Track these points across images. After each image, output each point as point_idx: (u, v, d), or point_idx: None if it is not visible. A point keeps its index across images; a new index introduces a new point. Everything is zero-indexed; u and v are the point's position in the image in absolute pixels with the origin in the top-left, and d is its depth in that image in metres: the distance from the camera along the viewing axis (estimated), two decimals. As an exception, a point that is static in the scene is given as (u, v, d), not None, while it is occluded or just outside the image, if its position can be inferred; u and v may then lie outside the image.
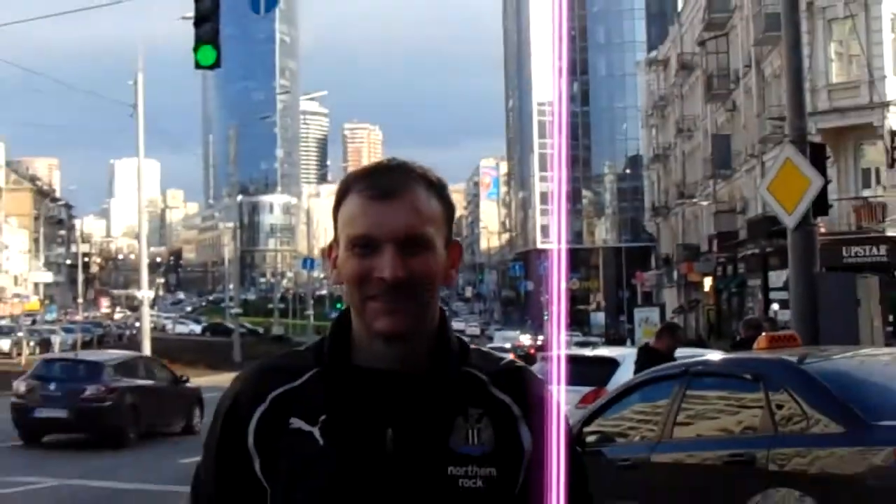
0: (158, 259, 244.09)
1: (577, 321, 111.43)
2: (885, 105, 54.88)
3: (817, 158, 19.94)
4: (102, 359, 35.71)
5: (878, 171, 56.12)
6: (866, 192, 56.90)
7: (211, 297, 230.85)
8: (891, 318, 43.96)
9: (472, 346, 2.98)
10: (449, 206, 2.87)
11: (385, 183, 2.76)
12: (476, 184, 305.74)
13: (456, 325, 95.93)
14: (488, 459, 2.75)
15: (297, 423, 2.75)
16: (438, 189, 2.83)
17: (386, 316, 2.70)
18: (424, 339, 2.80)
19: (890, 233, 53.66)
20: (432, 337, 2.84)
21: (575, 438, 9.63)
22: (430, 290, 2.78)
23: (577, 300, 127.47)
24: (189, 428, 34.27)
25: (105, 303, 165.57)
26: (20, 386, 32.06)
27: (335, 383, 2.77)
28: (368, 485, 2.69)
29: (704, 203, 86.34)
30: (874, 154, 55.70)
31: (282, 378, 2.83)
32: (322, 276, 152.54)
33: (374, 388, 2.75)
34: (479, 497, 2.72)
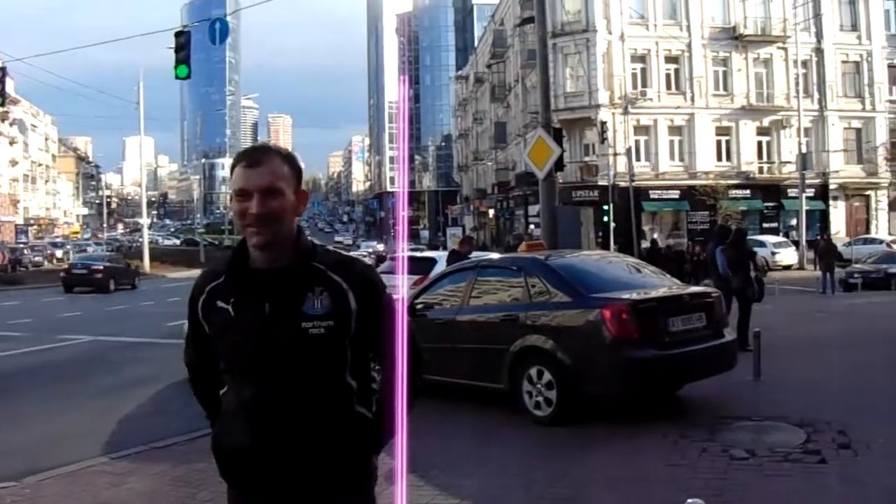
0: (153, 199, 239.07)
1: (412, 236, 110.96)
2: (598, 107, 55.51)
3: (557, 137, 20.04)
4: (101, 257, 52.06)
5: (593, 145, 56.57)
6: (586, 158, 57.37)
7: (185, 222, 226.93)
8: (600, 233, 44.60)
9: (321, 248, 3.17)
10: (296, 169, 3.05)
11: (253, 157, 2.97)
12: (349, 151, 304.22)
13: (337, 237, 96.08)
14: (327, 316, 2.94)
15: (220, 303, 3.05)
16: (288, 159, 3.03)
17: (255, 235, 2.94)
18: (286, 246, 3.00)
19: (601, 183, 54.20)
20: (292, 244, 3.02)
21: (408, 307, 9.61)
22: (281, 219, 2.95)
23: (411, 223, 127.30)
24: (133, 286, 47.51)
25: (120, 227, 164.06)
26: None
27: (236, 279, 3.03)
28: (257, 335, 2.95)
29: (490, 164, 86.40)
30: (591, 135, 56.16)
31: (212, 278, 3.13)
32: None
33: (258, 279, 2.98)
34: (322, 339, 2.94)
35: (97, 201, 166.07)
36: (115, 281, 45.13)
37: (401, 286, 3.83)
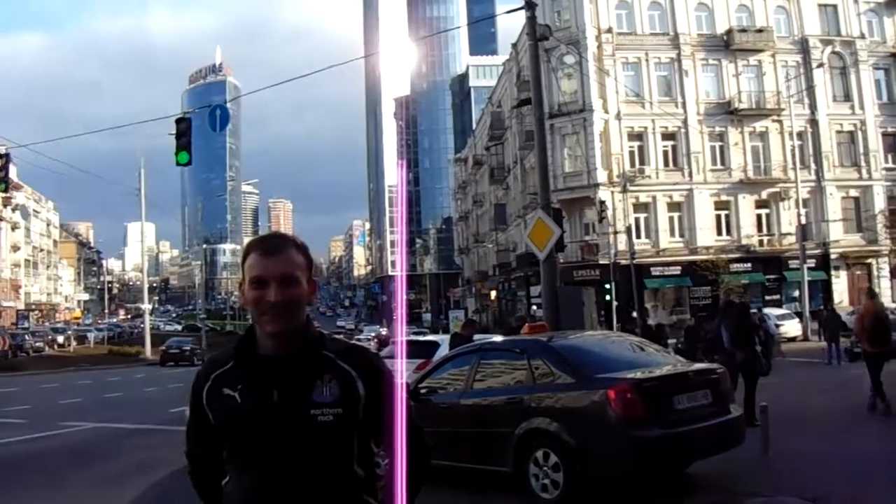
0: (154, 284, 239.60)
1: (414, 319, 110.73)
2: (596, 185, 55.78)
3: (557, 218, 20.18)
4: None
5: (593, 225, 56.71)
6: (587, 238, 57.53)
7: (187, 308, 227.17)
8: (602, 312, 44.60)
9: (328, 336, 3.18)
10: (309, 259, 3.11)
11: (270, 246, 3.04)
12: (350, 235, 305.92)
13: (339, 322, 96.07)
14: (336, 404, 2.96)
15: (226, 390, 3.04)
16: (302, 249, 3.09)
17: (271, 324, 2.96)
18: (295, 334, 3.02)
19: (602, 261, 54.32)
20: (301, 332, 3.04)
21: (411, 391, 9.66)
22: (297, 307, 3.00)
23: (413, 306, 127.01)
24: None
25: (122, 312, 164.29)
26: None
27: (244, 367, 3.03)
28: (265, 423, 2.94)
29: (490, 246, 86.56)
30: (591, 215, 56.31)
31: (218, 365, 3.12)
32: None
33: (267, 366, 3.00)
34: (331, 426, 2.95)
35: (98, 286, 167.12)
36: (198, 357, 54.85)
37: (400, 371, 3.88)
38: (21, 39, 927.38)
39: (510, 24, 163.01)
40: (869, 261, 60.36)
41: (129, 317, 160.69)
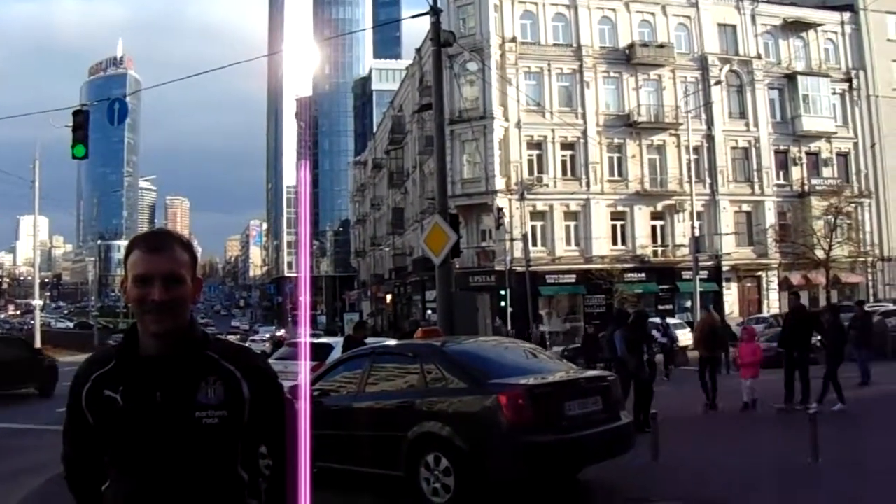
0: (46, 280, 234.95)
1: (310, 321, 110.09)
2: (494, 192, 56.04)
3: (454, 223, 20.23)
4: None
5: (490, 231, 56.96)
6: (483, 244, 57.77)
7: (80, 305, 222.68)
8: (498, 318, 44.79)
9: (212, 337, 3.14)
10: (194, 257, 3.03)
11: (154, 242, 2.95)
12: (247, 235, 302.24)
13: (234, 322, 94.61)
14: (221, 406, 2.91)
15: (107, 392, 2.93)
16: (187, 247, 3.01)
17: (155, 323, 2.89)
18: (179, 334, 2.95)
19: (498, 268, 54.61)
20: (185, 332, 2.98)
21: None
22: (182, 307, 2.93)
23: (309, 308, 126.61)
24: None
25: (11, 308, 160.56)
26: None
27: (125, 367, 2.95)
28: (148, 426, 2.86)
29: (387, 249, 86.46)
30: (488, 221, 56.54)
31: (99, 366, 3.01)
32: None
33: (150, 367, 2.92)
34: (216, 429, 2.89)
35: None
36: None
37: (303, 372, 3.84)
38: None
39: (415, 29, 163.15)
40: (759, 273, 61.73)
41: (18, 313, 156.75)
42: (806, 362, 18.48)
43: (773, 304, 59.47)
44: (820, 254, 54.27)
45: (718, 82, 58.53)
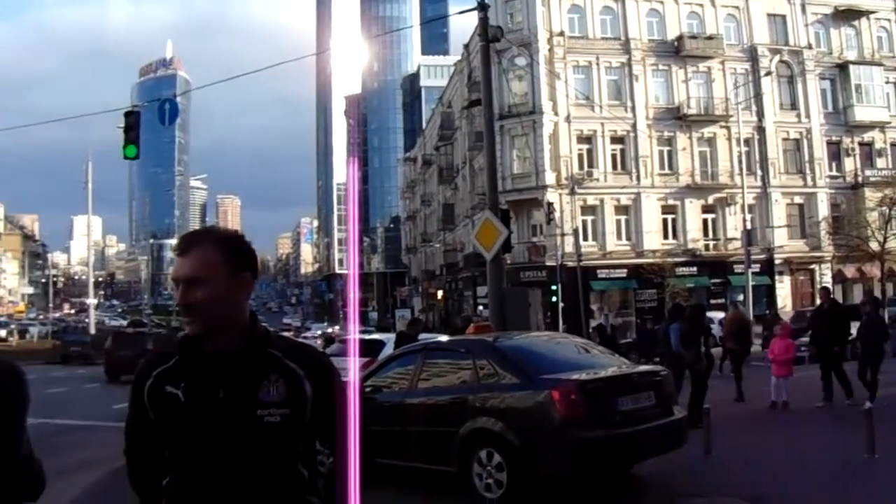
0: (100, 279, 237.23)
1: (360, 318, 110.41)
2: (544, 187, 55.93)
3: (505, 219, 20.25)
4: None
5: (540, 226, 56.81)
6: (534, 239, 57.67)
7: (133, 303, 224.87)
8: (549, 313, 44.74)
9: (275, 334, 3.16)
10: (235, 253, 3.01)
11: (181, 245, 3.00)
12: (298, 232, 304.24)
13: (286, 319, 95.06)
14: (283, 404, 2.91)
15: (169, 388, 2.95)
16: (224, 243, 3.01)
17: (188, 324, 2.96)
18: (238, 331, 2.98)
19: (548, 263, 54.46)
20: (245, 329, 3.01)
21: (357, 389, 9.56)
22: (208, 308, 2.93)
23: (360, 305, 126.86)
24: None
25: (66, 306, 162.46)
26: None
27: (187, 364, 2.97)
28: (209, 423, 2.88)
29: (438, 245, 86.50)
30: (538, 216, 56.40)
31: (161, 362, 3.03)
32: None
33: (211, 364, 2.94)
34: (277, 427, 2.90)
35: (43, 280, 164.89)
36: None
37: (352, 369, 3.85)
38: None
39: (462, 25, 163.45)
40: (812, 266, 61.10)
41: (73, 311, 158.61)
42: (840, 358, 17.99)
43: (828, 297, 58.74)
44: (874, 246, 53.45)
45: (769, 73, 57.90)
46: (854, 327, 18.90)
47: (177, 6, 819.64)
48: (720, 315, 48.61)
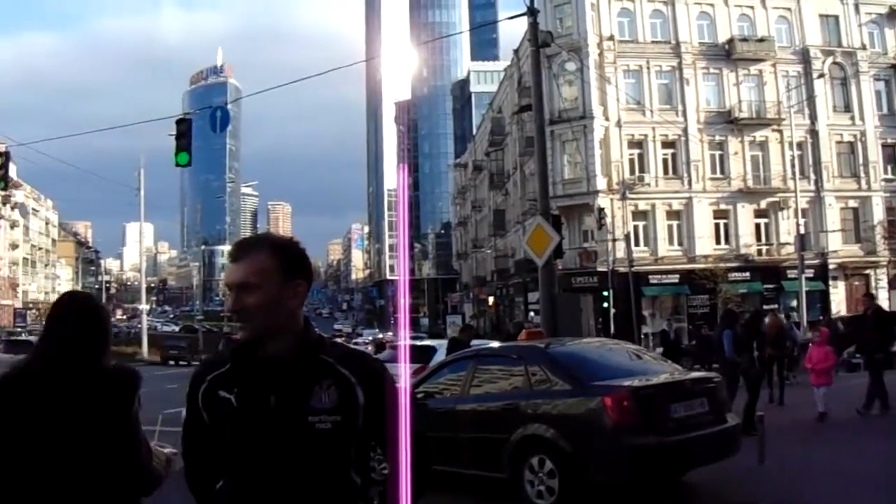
0: (152, 285, 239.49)
1: (411, 324, 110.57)
2: (595, 192, 55.74)
3: (556, 224, 20.21)
4: None
5: (592, 232, 56.66)
6: (585, 245, 57.50)
7: (185, 309, 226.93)
8: (600, 320, 44.58)
9: (328, 341, 3.17)
10: (288, 259, 3.03)
11: (234, 252, 3.03)
12: (349, 238, 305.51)
13: (337, 325, 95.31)
14: (335, 411, 2.92)
15: (222, 393, 3.00)
16: (277, 249, 3.02)
17: (240, 330, 3.00)
18: (291, 338, 2.99)
19: (600, 269, 54.28)
20: (299, 335, 3.02)
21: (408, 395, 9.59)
22: (260, 314, 2.95)
23: (411, 311, 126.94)
24: None
25: (119, 312, 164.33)
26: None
27: (240, 369, 2.99)
28: (260, 428, 2.90)
29: (489, 251, 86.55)
30: (590, 222, 56.25)
31: (215, 367, 3.09)
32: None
33: (264, 370, 2.95)
34: (329, 434, 2.91)
35: (96, 286, 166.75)
36: None
37: (404, 375, 3.85)
38: (32, 40, 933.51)
39: (512, 30, 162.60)
40: (867, 271, 60.30)
41: (126, 317, 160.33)
42: (882, 366, 17.55)
43: (883, 302, 58.02)
44: (932, 250, 52.78)
45: (821, 75, 57.13)
46: None
47: (227, 15, 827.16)
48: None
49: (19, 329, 75.61)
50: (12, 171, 42.67)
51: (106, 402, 3.43)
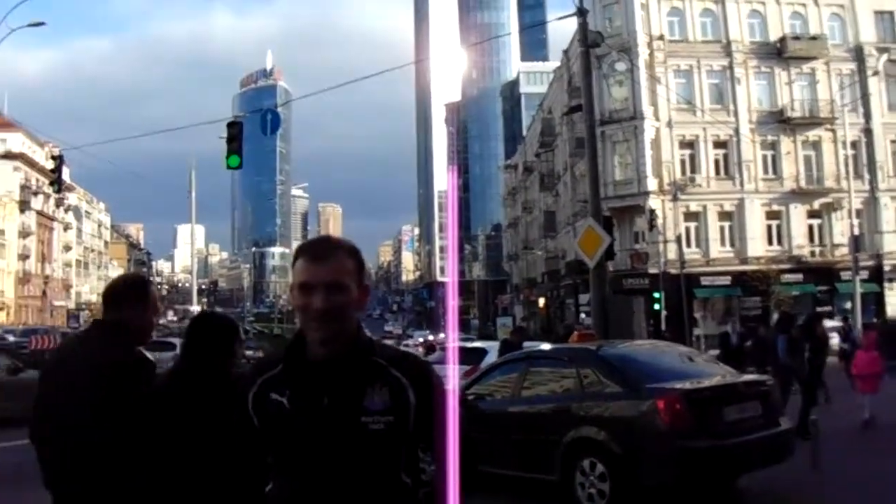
0: (203, 287, 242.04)
1: (462, 326, 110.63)
2: (647, 194, 55.46)
3: (607, 226, 20.15)
4: None
5: (643, 233, 56.38)
6: (636, 246, 57.23)
7: (236, 311, 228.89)
8: (651, 321, 44.36)
9: (379, 343, 3.20)
10: (360, 264, 3.08)
11: (319, 251, 3.02)
12: (399, 241, 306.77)
13: (387, 326, 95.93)
14: (387, 412, 2.93)
15: (274, 395, 3.00)
16: (353, 254, 3.05)
17: (318, 331, 2.95)
18: (345, 340, 3.00)
19: (651, 270, 53.99)
20: (352, 338, 3.03)
21: (459, 398, 9.62)
22: (344, 315, 2.98)
23: (461, 313, 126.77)
24: None
25: (170, 313, 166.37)
26: None
27: (292, 371, 3.01)
28: (314, 430, 2.92)
29: (539, 252, 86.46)
30: (641, 223, 55.99)
31: (266, 369, 3.11)
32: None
33: (317, 372, 2.96)
34: (381, 435, 2.92)
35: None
36: None
37: (452, 377, 3.86)
38: (85, 45, 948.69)
39: (561, 31, 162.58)
40: (924, 273, 59.51)
41: (177, 318, 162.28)
42: None
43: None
44: None
45: (876, 73, 56.35)
46: None
47: (277, 18, 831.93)
48: (831, 323, 47.72)
49: (72, 329, 76.34)
50: (66, 174, 43.19)
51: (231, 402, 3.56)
